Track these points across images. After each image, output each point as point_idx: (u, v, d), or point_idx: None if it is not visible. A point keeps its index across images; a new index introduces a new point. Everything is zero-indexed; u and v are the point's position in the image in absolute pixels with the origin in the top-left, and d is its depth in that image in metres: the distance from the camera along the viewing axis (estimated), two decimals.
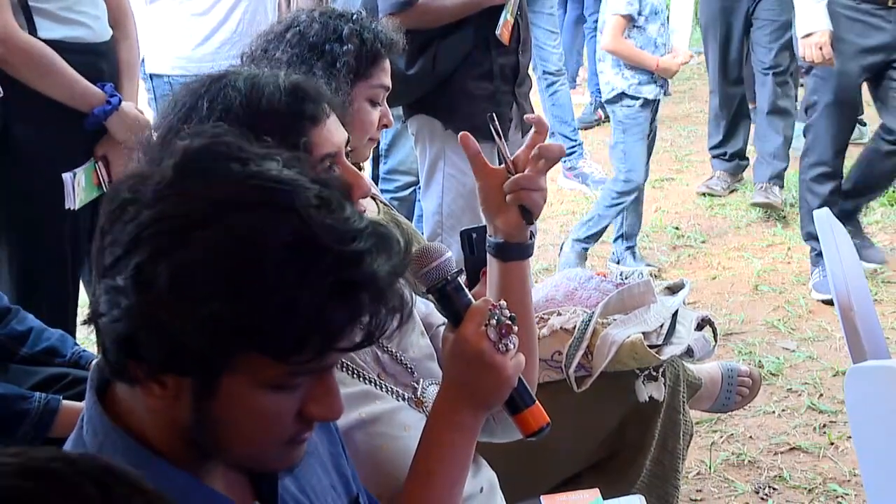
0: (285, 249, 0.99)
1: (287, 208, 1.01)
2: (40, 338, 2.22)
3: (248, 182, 1.03)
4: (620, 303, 2.37)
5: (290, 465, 1.15)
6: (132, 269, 0.99)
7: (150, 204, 1.01)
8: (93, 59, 2.78)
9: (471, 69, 3.22)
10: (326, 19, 2.09)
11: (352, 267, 1.01)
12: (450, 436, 1.48)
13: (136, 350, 1.02)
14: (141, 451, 1.08)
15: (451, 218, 3.29)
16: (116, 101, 2.75)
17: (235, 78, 1.52)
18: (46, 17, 2.69)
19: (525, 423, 1.50)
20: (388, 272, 1.04)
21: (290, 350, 1.01)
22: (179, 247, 0.98)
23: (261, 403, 1.05)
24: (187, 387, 1.03)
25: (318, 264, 0.99)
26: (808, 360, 3.68)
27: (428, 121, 3.30)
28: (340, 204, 1.05)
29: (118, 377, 1.08)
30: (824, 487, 2.97)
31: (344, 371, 1.60)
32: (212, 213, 0.99)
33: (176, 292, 0.98)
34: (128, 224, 1.01)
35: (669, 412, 2.39)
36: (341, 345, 1.04)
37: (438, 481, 1.48)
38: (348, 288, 1.01)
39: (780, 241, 4.80)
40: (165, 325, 0.99)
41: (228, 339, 0.99)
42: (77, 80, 2.71)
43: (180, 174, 1.03)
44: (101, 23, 2.84)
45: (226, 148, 1.07)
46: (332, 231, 1.01)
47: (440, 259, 1.50)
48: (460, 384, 1.48)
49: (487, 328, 1.45)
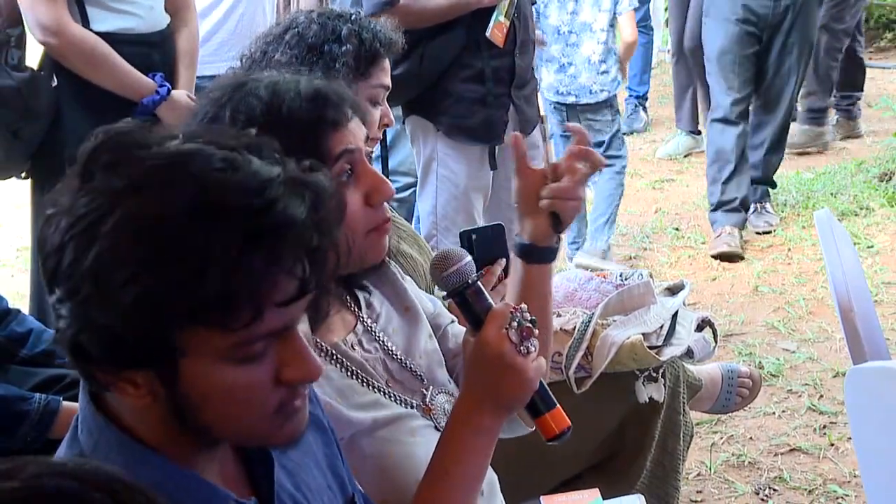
0: (186, 216, 0.99)
1: (184, 178, 1.01)
2: (40, 339, 2.22)
3: (146, 163, 1.03)
4: (620, 304, 2.37)
5: (291, 437, 1.14)
6: (63, 277, 1.01)
7: (66, 210, 1.02)
8: (145, 50, 2.87)
9: (461, 71, 3.21)
10: (325, 20, 2.08)
11: (261, 216, 1.00)
12: (469, 438, 1.48)
13: (87, 354, 1.03)
14: (136, 448, 1.08)
15: (446, 219, 3.29)
16: (165, 90, 2.84)
17: (257, 86, 1.51)
18: (99, 9, 2.78)
19: (546, 427, 1.50)
20: (307, 214, 1.02)
21: (223, 315, 1.00)
22: (93, 243, 0.99)
23: (230, 378, 1.04)
24: (155, 379, 1.04)
25: (222, 222, 0.99)
26: (808, 361, 3.68)
27: (421, 122, 3.30)
28: (247, 159, 1.03)
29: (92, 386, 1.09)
30: (824, 488, 2.97)
31: (354, 379, 1.60)
32: (115, 201, 1.00)
33: (99, 287, 0.99)
34: (54, 234, 1.02)
35: (669, 413, 2.39)
36: (277, 299, 1.02)
37: (455, 483, 1.47)
38: (259, 236, 1.00)
39: (780, 241, 4.80)
40: (100, 322, 1.00)
41: (158, 320, 0.99)
42: (128, 70, 2.80)
43: (85, 173, 1.04)
44: (154, 13, 2.91)
45: (127, 136, 1.06)
46: (237, 188, 1.01)
47: (460, 263, 1.50)
48: (482, 387, 1.47)
49: (508, 331, 1.45)
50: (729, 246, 4.63)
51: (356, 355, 1.62)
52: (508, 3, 3.18)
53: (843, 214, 4.94)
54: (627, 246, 4.87)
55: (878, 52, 8.68)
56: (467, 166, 3.28)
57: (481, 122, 3.23)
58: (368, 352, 1.65)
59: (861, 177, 5.48)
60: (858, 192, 5.27)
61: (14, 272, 4.86)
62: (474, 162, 3.29)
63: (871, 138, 6.28)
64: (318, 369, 1.10)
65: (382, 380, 1.64)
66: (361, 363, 1.62)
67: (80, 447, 1.10)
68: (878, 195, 5.21)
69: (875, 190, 5.28)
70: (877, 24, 8.76)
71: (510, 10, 3.19)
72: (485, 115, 3.23)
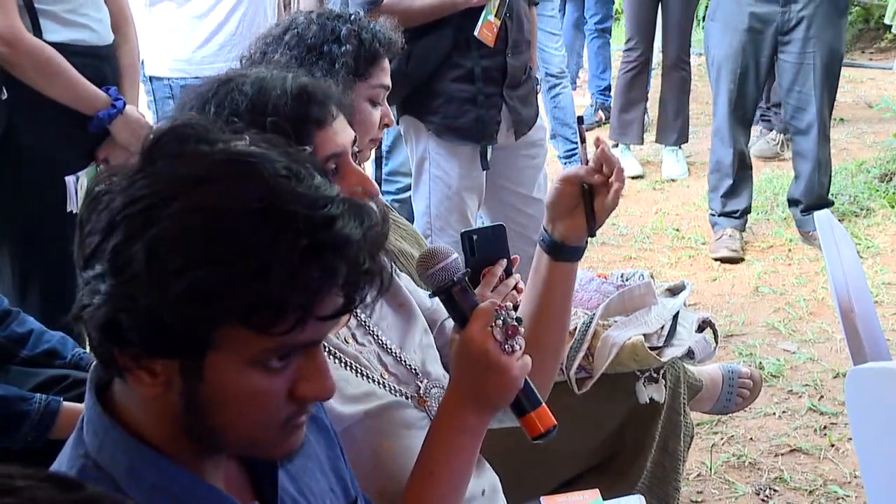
0: (254, 216, 1.00)
1: (253, 177, 1.02)
2: (40, 340, 2.22)
3: (213, 157, 1.04)
4: (621, 304, 2.37)
5: (288, 452, 1.14)
6: (109, 254, 1.01)
7: (121, 190, 1.02)
8: (97, 63, 2.79)
9: (450, 71, 3.20)
10: (324, 20, 2.08)
11: (323, 230, 1.02)
12: (454, 437, 1.49)
13: (120, 335, 1.02)
14: (142, 450, 1.08)
15: (440, 219, 3.29)
16: (121, 104, 2.76)
17: (243, 81, 1.52)
18: (52, 20, 2.69)
19: (531, 426, 1.50)
20: (362, 236, 1.04)
21: (269, 319, 1.01)
22: (151, 225, 0.99)
23: (250, 383, 1.05)
24: (175, 371, 1.04)
25: (288, 229, 1.00)
26: (808, 362, 3.68)
27: (413, 122, 3.30)
28: (310, 174, 1.06)
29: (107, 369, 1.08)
30: (825, 489, 2.97)
31: (349, 370, 1.60)
32: (180, 189, 1.01)
33: (151, 270, 0.99)
34: (102, 212, 1.02)
35: (670, 414, 2.39)
36: (321, 312, 1.04)
37: (440, 482, 1.48)
38: (321, 251, 1.01)
39: (781, 242, 4.80)
40: (144, 304, 0.99)
41: (206, 312, 1.00)
42: (82, 83, 2.71)
43: (148, 158, 1.05)
44: (104, 26, 2.84)
45: (192, 130, 1.07)
46: (302, 197, 1.02)
47: (446, 260, 1.50)
48: (466, 385, 1.48)
49: (493, 329, 1.45)
50: (730, 250, 4.61)
51: (350, 349, 1.63)
52: (499, 3, 3.15)
53: (844, 215, 4.94)
54: (628, 246, 4.86)
55: (878, 52, 8.68)
56: (459, 166, 3.27)
57: (472, 121, 3.22)
58: (363, 345, 1.66)
59: (861, 177, 5.49)
60: (859, 192, 5.27)
61: None
62: (466, 162, 3.28)
63: (872, 139, 6.28)
64: (333, 389, 1.11)
65: (377, 371, 1.64)
66: (356, 355, 1.62)
67: (85, 448, 1.10)
68: (878, 196, 5.21)
69: (875, 191, 5.28)
70: (877, 24, 8.75)
71: (501, 10, 3.16)
72: (475, 115, 3.22)
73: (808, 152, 4.64)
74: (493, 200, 3.42)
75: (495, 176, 3.36)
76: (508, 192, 3.43)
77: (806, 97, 4.57)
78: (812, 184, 4.68)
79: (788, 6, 4.47)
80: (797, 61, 4.54)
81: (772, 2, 4.48)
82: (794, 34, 4.51)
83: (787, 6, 4.48)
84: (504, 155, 3.35)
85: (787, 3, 4.47)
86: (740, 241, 4.68)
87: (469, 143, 3.26)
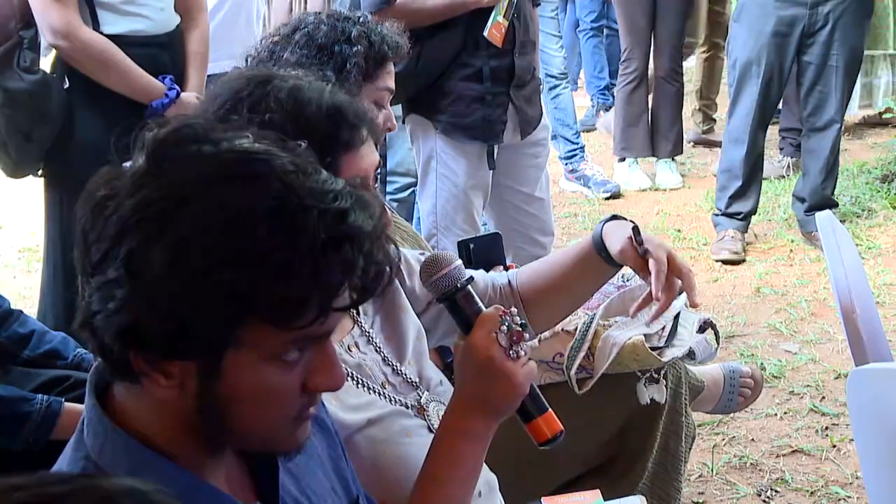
0: (272, 213, 1.00)
1: (266, 175, 1.03)
2: (42, 340, 2.23)
3: (223, 157, 1.04)
4: (622, 305, 2.37)
5: (297, 445, 1.15)
6: (123, 259, 1.00)
7: (129, 194, 1.02)
8: (155, 51, 2.89)
9: (459, 70, 3.22)
10: (334, 21, 2.09)
11: (339, 224, 1.03)
12: (459, 443, 1.48)
13: (139, 340, 1.02)
14: (143, 451, 1.08)
15: (445, 219, 3.30)
16: (174, 94, 2.85)
17: (280, 89, 1.51)
18: (109, 12, 2.81)
19: (538, 431, 1.50)
20: (373, 227, 1.06)
21: (292, 313, 1.01)
22: (168, 228, 0.99)
23: (266, 379, 1.05)
24: (192, 372, 1.04)
25: (306, 224, 1.01)
26: (810, 363, 3.68)
27: (421, 121, 3.31)
28: (315, 168, 1.07)
29: (120, 374, 1.08)
30: (826, 490, 2.97)
31: (349, 380, 1.60)
32: (194, 190, 1.01)
33: (174, 272, 0.99)
34: (109, 218, 1.02)
35: (671, 414, 2.39)
36: (339, 303, 1.05)
37: (447, 487, 1.47)
38: (339, 244, 1.02)
39: (782, 243, 4.80)
40: (168, 306, 0.99)
41: (232, 311, 1.00)
42: (137, 73, 2.82)
43: (154, 161, 1.04)
44: (164, 14, 2.92)
45: (193, 131, 1.07)
46: (313, 192, 1.03)
47: (450, 267, 1.50)
48: (471, 391, 1.47)
49: (498, 335, 1.45)
50: (731, 252, 4.59)
51: (353, 357, 1.63)
52: (507, 4, 3.18)
53: (846, 216, 4.93)
54: None
55: None
56: (466, 165, 3.28)
57: (479, 120, 3.24)
58: (365, 354, 1.66)
59: (863, 178, 5.48)
60: (861, 193, 5.26)
61: (16, 273, 4.85)
62: (473, 160, 3.29)
63: (873, 140, 6.28)
64: (343, 379, 1.12)
65: (378, 381, 1.64)
66: (358, 364, 1.62)
67: (85, 450, 1.10)
68: (880, 197, 5.20)
69: (877, 192, 5.28)
70: None
71: (509, 11, 3.20)
72: (483, 113, 3.24)
73: (821, 150, 4.63)
74: (495, 199, 3.43)
75: (498, 175, 3.37)
76: (511, 191, 3.44)
77: (826, 96, 4.55)
78: (817, 183, 4.69)
79: (816, 8, 4.43)
80: (821, 62, 4.51)
81: (798, 4, 4.43)
82: (820, 35, 4.47)
83: (814, 8, 4.43)
84: (508, 154, 3.36)
85: (814, 6, 4.42)
86: (742, 242, 4.68)
87: (477, 142, 3.27)
